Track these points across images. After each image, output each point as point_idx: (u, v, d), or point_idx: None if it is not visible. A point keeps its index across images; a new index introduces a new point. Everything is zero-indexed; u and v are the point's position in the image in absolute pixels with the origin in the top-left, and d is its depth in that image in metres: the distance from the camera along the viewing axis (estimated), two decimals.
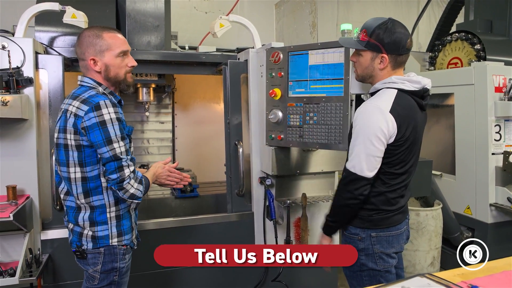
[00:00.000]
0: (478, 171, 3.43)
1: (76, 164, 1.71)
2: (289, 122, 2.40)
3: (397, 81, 1.79)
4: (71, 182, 1.74)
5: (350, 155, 1.78)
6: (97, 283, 1.78)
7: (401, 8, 6.82)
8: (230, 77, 2.70)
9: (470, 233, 3.56)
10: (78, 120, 1.65)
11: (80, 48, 1.78)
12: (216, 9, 5.84)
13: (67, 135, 1.69)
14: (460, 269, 1.28)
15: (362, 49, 1.81)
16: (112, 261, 1.78)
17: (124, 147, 1.70)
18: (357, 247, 1.86)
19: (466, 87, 3.52)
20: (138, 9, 2.89)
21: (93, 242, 1.76)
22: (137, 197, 1.73)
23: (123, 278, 1.84)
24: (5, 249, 2.21)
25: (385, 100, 1.75)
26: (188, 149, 3.81)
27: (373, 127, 1.71)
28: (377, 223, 1.85)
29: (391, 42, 1.76)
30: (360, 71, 1.89)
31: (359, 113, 1.78)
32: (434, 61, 4.33)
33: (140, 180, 1.75)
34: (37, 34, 2.66)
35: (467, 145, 3.52)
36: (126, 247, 1.83)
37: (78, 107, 1.67)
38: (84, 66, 1.81)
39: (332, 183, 2.77)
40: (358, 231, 1.86)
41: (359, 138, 1.74)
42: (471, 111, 3.48)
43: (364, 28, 1.81)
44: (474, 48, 3.80)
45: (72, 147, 1.69)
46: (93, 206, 1.75)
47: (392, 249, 1.89)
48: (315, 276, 2.88)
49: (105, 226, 1.76)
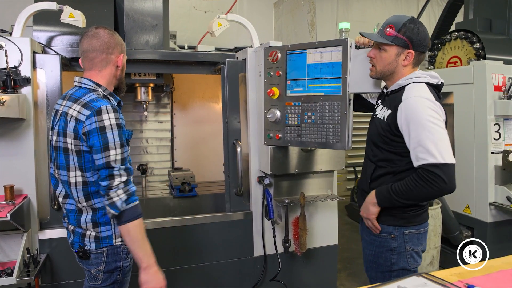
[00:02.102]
0: (478, 170, 3.43)
1: (76, 168, 1.68)
2: (287, 121, 2.39)
3: (422, 76, 1.81)
4: (71, 186, 1.71)
5: (418, 150, 1.68)
6: (100, 282, 1.77)
7: (401, 8, 6.82)
8: (228, 76, 2.69)
9: (470, 232, 3.55)
10: (80, 125, 1.62)
11: (105, 43, 1.76)
12: (216, 8, 5.84)
13: (67, 139, 1.66)
14: (457, 268, 1.27)
15: (389, 43, 1.79)
16: (115, 260, 1.76)
17: (121, 155, 1.65)
18: (388, 246, 1.86)
19: (465, 86, 3.51)
20: (136, 8, 2.89)
21: (97, 242, 1.73)
22: (116, 207, 1.60)
23: (126, 277, 1.83)
24: (3, 249, 2.21)
25: (425, 91, 1.75)
26: (187, 148, 3.81)
27: (431, 114, 1.68)
28: (410, 219, 1.83)
29: (419, 38, 1.78)
30: (381, 67, 1.86)
31: (409, 108, 1.71)
32: (433, 60, 4.32)
33: (129, 193, 1.64)
34: (35, 34, 2.65)
35: (466, 144, 3.51)
36: None
37: (79, 112, 1.64)
38: (103, 60, 1.77)
39: (331, 182, 2.76)
40: (391, 229, 1.85)
41: (425, 128, 1.66)
42: (470, 110, 3.47)
43: (390, 23, 1.80)
44: (474, 47, 3.79)
45: (72, 151, 1.66)
46: (95, 208, 1.72)
47: (421, 247, 1.89)
48: (313, 275, 2.88)
49: (108, 227, 1.74)
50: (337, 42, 2.16)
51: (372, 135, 1.96)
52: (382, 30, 1.82)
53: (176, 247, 2.61)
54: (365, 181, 1.98)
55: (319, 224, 2.85)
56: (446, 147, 1.66)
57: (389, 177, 1.86)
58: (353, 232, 5.06)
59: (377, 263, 1.93)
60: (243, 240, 2.73)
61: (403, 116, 1.72)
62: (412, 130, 1.69)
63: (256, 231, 2.74)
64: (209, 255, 2.68)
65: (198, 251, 2.66)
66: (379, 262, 1.92)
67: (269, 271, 2.74)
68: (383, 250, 1.90)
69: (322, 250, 2.88)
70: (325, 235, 2.89)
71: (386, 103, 1.90)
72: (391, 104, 1.85)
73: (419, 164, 1.69)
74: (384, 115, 1.87)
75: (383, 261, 1.90)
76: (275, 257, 2.68)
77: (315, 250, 2.85)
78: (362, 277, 3.73)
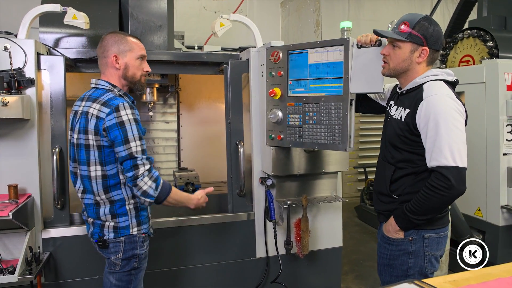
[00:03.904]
0: (489, 172, 3.33)
1: (97, 163, 1.83)
2: (288, 122, 2.37)
3: (439, 73, 1.78)
4: (91, 180, 1.85)
5: (432, 150, 1.66)
6: (119, 269, 1.91)
7: (414, 6, 6.69)
8: (231, 76, 2.68)
9: (481, 236, 3.46)
10: (100, 122, 1.77)
11: (103, 47, 1.92)
12: (226, 8, 5.85)
13: (88, 135, 1.81)
14: (452, 275, 1.22)
15: (404, 40, 1.77)
16: (132, 248, 1.90)
17: (141, 146, 1.79)
18: (406, 249, 1.81)
19: (476, 86, 3.42)
20: (141, 9, 2.90)
21: (115, 232, 1.88)
22: (149, 195, 1.78)
23: (142, 264, 1.98)
24: (7, 247, 2.25)
25: (446, 89, 1.72)
26: (193, 148, 3.82)
27: (452, 114, 1.65)
28: (432, 222, 1.78)
29: (433, 36, 1.76)
30: (395, 64, 1.83)
31: (431, 105, 1.67)
32: (445, 59, 4.22)
33: (155, 178, 1.80)
34: (42, 36, 2.69)
35: (477, 145, 3.41)
36: (145, 235, 1.96)
37: (99, 110, 1.79)
38: (104, 64, 1.92)
39: (335, 184, 2.72)
40: (411, 232, 1.79)
41: (442, 129, 1.63)
42: (482, 110, 3.38)
43: (404, 20, 1.79)
44: (487, 45, 3.68)
45: (93, 147, 1.81)
46: (113, 200, 1.86)
47: (440, 251, 1.84)
48: (317, 278, 2.84)
49: (126, 217, 1.89)
50: (339, 41, 2.12)
51: (389, 136, 1.89)
52: (396, 27, 1.80)
53: (178, 247, 2.61)
54: (383, 184, 1.90)
55: (323, 226, 2.82)
56: (461, 150, 1.64)
57: (411, 178, 1.81)
58: (362, 234, 4.99)
59: (392, 266, 1.87)
60: (245, 241, 2.71)
61: (423, 113, 1.69)
62: (430, 129, 1.67)
63: (258, 232, 2.72)
64: (211, 256, 2.67)
65: (200, 251, 2.65)
66: (395, 264, 1.85)
67: (272, 273, 2.72)
68: (400, 253, 1.83)
69: (326, 253, 2.84)
70: (329, 237, 2.84)
71: (402, 102, 1.85)
72: (409, 103, 1.79)
73: (431, 166, 1.68)
74: (401, 115, 1.81)
75: (399, 264, 1.84)
76: (277, 259, 2.66)
77: (318, 252, 2.81)
78: (369, 279, 3.67)
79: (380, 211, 1.98)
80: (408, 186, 1.82)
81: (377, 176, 2.01)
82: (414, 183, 1.80)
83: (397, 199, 1.85)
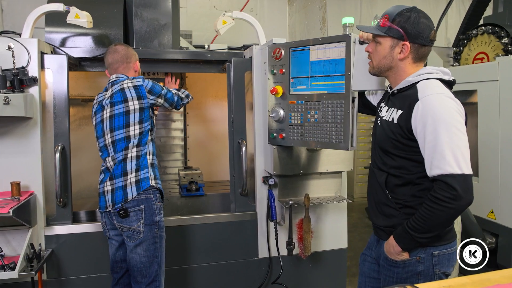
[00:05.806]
0: (503, 173, 3.21)
1: (136, 122, 2.21)
2: (290, 121, 2.33)
3: (434, 71, 1.62)
4: (129, 139, 2.19)
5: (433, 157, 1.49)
6: (143, 236, 2.15)
7: (429, 5, 6.52)
8: (234, 74, 2.65)
9: (494, 239, 3.33)
10: (140, 88, 2.22)
11: (125, 55, 2.33)
12: (236, 7, 5.83)
13: (129, 103, 2.20)
14: (447, 280, 1.17)
15: (382, 35, 1.63)
16: (151, 215, 2.16)
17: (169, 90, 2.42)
18: (414, 270, 1.61)
19: (490, 84, 3.30)
20: (145, 8, 2.90)
21: (137, 187, 2.16)
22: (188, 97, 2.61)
23: (162, 232, 2.23)
24: (10, 244, 2.28)
25: (443, 88, 1.57)
26: (199, 147, 3.81)
27: (453, 116, 1.49)
28: (440, 237, 1.59)
29: (415, 29, 1.58)
30: (377, 61, 1.69)
31: (428, 107, 1.51)
32: (458, 56, 4.10)
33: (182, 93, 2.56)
34: (47, 35, 2.72)
35: (491, 145, 3.29)
36: (160, 204, 2.22)
37: (132, 82, 2.24)
38: (125, 67, 2.34)
39: (339, 184, 2.67)
40: (418, 250, 1.60)
41: (442, 132, 1.47)
42: (495, 109, 3.25)
43: (385, 14, 1.64)
44: (502, 42, 3.56)
45: (135, 110, 2.20)
46: (139, 155, 2.20)
47: (451, 268, 1.65)
48: (321, 280, 2.79)
49: (146, 170, 2.21)
50: (340, 37, 2.07)
51: (379, 140, 1.72)
52: (378, 22, 1.67)
53: (180, 246, 2.60)
54: (380, 191, 1.71)
55: (327, 226, 2.76)
56: (465, 155, 1.47)
57: (409, 188, 1.62)
58: None
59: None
60: (248, 241, 2.69)
61: (419, 115, 1.51)
62: (428, 133, 1.49)
63: (261, 232, 2.68)
64: (214, 255, 2.65)
65: (202, 251, 2.64)
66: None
67: (274, 274, 2.68)
68: (407, 275, 1.62)
69: (330, 254, 2.78)
70: (334, 238, 2.79)
71: (393, 103, 1.69)
72: (401, 103, 1.62)
73: (433, 174, 1.50)
74: (393, 116, 1.64)
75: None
76: (279, 260, 2.62)
77: (322, 253, 2.76)
78: None
79: (379, 227, 1.75)
80: (408, 196, 1.63)
81: (371, 187, 1.81)
82: (414, 193, 1.62)
83: (399, 211, 1.65)
